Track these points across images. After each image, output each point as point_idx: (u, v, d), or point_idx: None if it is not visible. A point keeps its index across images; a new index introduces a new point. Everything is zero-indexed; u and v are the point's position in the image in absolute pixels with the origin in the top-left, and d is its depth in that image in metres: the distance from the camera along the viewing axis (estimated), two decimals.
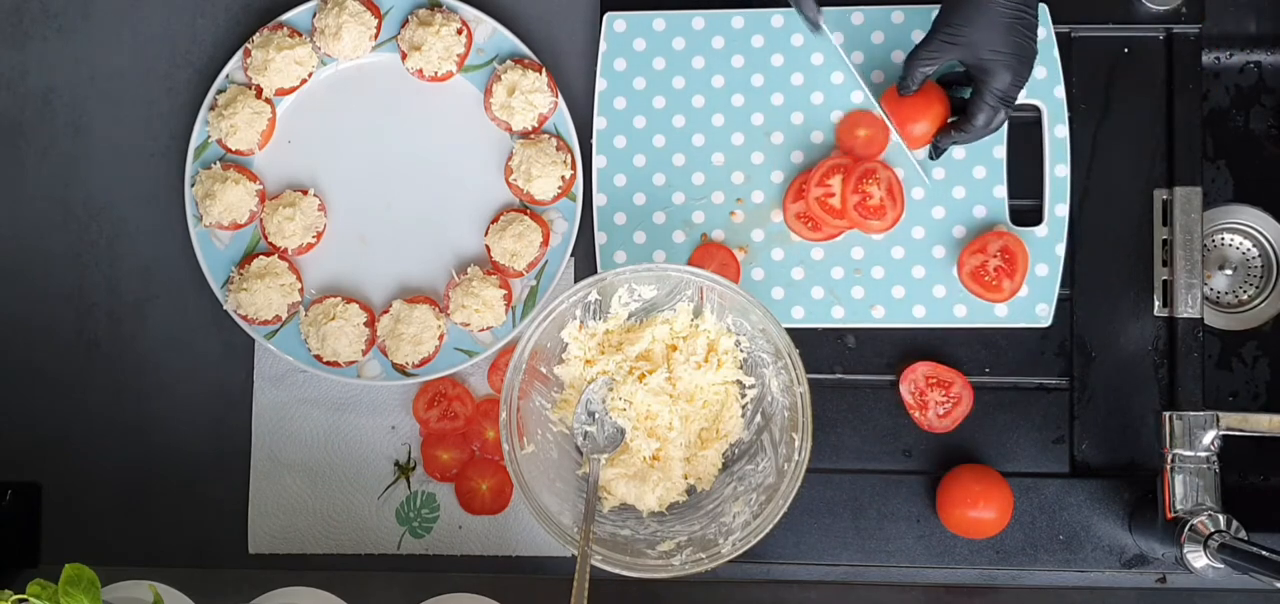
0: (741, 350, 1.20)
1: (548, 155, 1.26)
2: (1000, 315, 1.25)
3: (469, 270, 1.27)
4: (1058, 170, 1.25)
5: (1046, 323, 1.25)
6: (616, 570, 1.10)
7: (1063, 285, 1.25)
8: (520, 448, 1.14)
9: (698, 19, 1.29)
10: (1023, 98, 1.26)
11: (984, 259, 1.24)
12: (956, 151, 1.26)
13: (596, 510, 1.18)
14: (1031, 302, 1.25)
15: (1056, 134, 1.26)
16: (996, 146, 1.26)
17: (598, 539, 1.14)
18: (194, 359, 1.31)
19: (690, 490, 1.22)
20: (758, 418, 1.21)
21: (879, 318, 1.26)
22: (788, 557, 1.26)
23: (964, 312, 1.25)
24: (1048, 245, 1.25)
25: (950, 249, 1.26)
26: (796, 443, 1.12)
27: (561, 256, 1.28)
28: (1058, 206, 1.25)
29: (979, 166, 1.26)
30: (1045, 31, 1.26)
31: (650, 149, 1.29)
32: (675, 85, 1.29)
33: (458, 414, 1.28)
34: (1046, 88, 1.26)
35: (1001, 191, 1.26)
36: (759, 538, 1.11)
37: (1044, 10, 1.26)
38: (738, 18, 1.29)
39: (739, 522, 1.15)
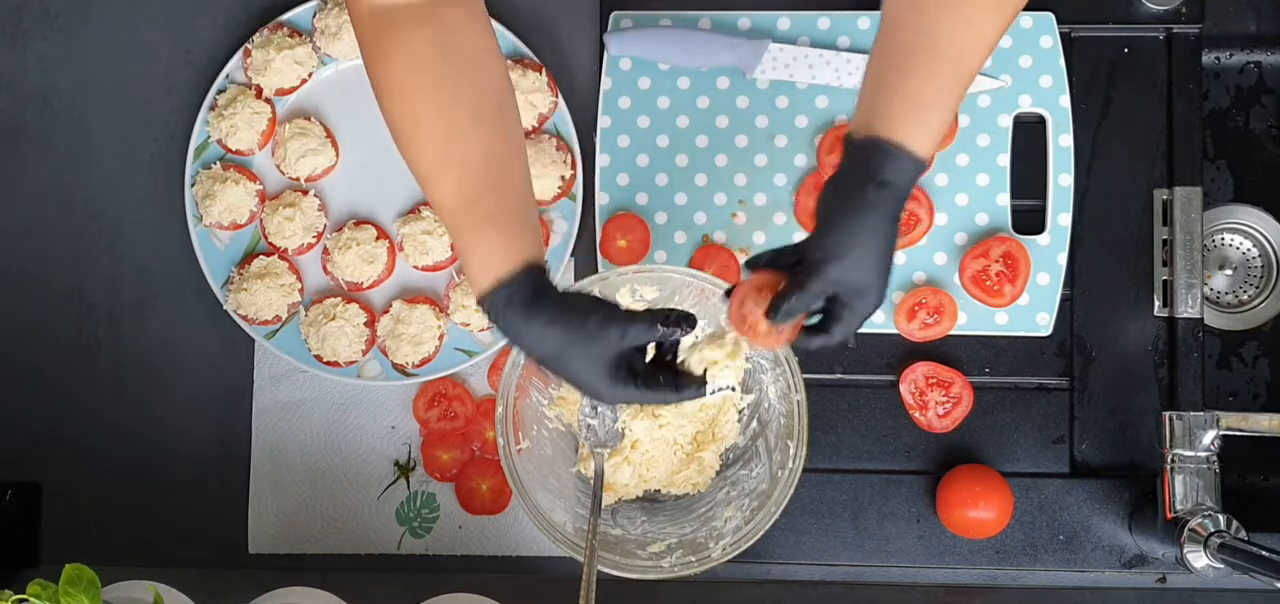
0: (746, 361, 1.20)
1: (548, 155, 1.26)
2: (1001, 324, 1.25)
3: None
4: (1062, 180, 1.25)
5: (1047, 332, 1.25)
6: (606, 569, 1.10)
7: (1063, 285, 1.26)
8: (515, 444, 1.14)
9: (704, 20, 1.29)
10: (1027, 106, 1.26)
11: (986, 263, 1.24)
12: (960, 159, 1.26)
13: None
14: (1032, 310, 1.25)
15: (1061, 143, 1.26)
16: (1001, 155, 1.26)
17: None
18: (194, 359, 1.31)
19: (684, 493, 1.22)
20: (754, 423, 1.21)
21: (878, 324, 1.26)
22: (788, 557, 1.26)
23: (965, 318, 1.25)
24: (1050, 254, 1.25)
25: (952, 256, 1.26)
26: (791, 450, 1.12)
27: (561, 256, 1.28)
28: (1061, 216, 1.25)
29: (982, 174, 1.26)
30: (1051, 39, 1.26)
31: (653, 148, 1.29)
32: (680, 85, 1.29)
33: (458, 414, 1.28)
34: (1052, 97, 1.26)
35: (1005, 199, 1.26)
36: (750, 543, 1.11)
37: (1049, 17, 1.26)
38: (744, 18, 1.29)
39: (730, 526, 1.14)
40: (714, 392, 0.99)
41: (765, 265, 0.99)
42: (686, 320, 0.97)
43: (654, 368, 1.00)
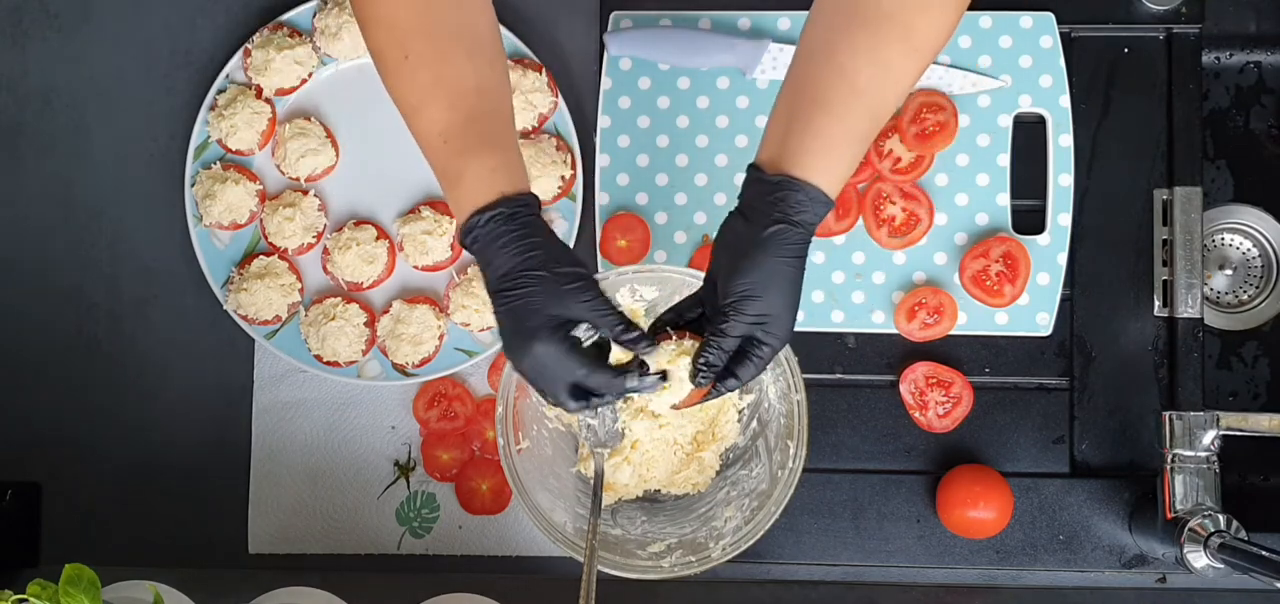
0: None
1: (548, 155, 1.26)
2: (1001, 324, 1.25)
3: (469, 270, 1.27)
4: (1062, 180, 1.25)
5: (1047, 332, 1.25)
6: (606, 569, 1.10)
7: (1063, 285, 1.25)
8: (515, 444, 1.14)
9: (704, 20, 1.29)
10: (1027, 106, 1.26)
11: (986, 263, 1.24)
12: (960, 159, 1.26)
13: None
14: (1032, 310, 1.25)
15: (1061, 143, 1.26)
16: (1001, 155, 1.26)
17: None
18: (194, 359, 1.31)
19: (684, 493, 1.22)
20: (753, 423, 1.21)
21: (879, 324, 1.26)
22: (788, 557, 1.26)
23: (965, 318, 1.25)
24: (1050, 254, 1.25)
25: (952, 256, 1.26)
26: (791, 450, 1.12)
27: None
28: (1061, 216, 1.25)
29: (982, 174, 1.26)
30: (1051, 39, 1.26)
31: (653, 148, 1.29)
32: (680, 85, 1.29)
33: (458, 414, 1.28)
34: (1052, 97, 1.26)
35: (1005, 199, 1.26)
36: (750, 543, 1.11)
37: (1049, 17, 1.26)
38: (744, 18, 1.29)
39: (730, 526, 1.14)
40: (641, 387, 0.98)
41: (669, 324, 0.99)
42: (646, 340, 0.97)
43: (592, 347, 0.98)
